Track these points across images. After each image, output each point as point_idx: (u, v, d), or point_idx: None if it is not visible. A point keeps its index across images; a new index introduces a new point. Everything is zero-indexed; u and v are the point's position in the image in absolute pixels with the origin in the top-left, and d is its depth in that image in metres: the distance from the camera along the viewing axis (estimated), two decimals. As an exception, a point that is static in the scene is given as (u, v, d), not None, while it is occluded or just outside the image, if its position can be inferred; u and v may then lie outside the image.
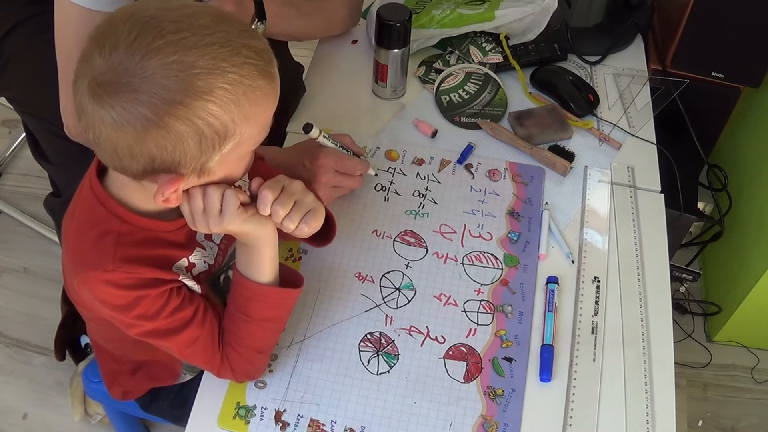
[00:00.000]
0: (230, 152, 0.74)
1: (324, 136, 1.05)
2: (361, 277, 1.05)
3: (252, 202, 0.82)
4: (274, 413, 0.93)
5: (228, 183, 0.80)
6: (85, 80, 0.69)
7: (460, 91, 1.31)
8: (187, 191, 0.78)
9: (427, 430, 0.92)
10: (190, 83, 0.68)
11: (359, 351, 0.98)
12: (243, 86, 0.70)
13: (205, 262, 0.90)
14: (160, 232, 0.83)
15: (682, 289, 1.82)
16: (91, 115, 0.70)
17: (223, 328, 0.90)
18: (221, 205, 0.79)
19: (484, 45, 1.36)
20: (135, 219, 0.81)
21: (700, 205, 1.66)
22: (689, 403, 1.67)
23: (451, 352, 0.99)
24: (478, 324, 1.01)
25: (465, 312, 1.02)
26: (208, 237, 0.91)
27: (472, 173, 1.19)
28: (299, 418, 0.92)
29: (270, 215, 0.82)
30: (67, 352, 1.24)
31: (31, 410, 1.62)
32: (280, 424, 0.92)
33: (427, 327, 1.01)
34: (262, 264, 0.86)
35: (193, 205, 0.79)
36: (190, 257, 0.87)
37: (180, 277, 0.85)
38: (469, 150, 1.22)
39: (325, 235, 0.96)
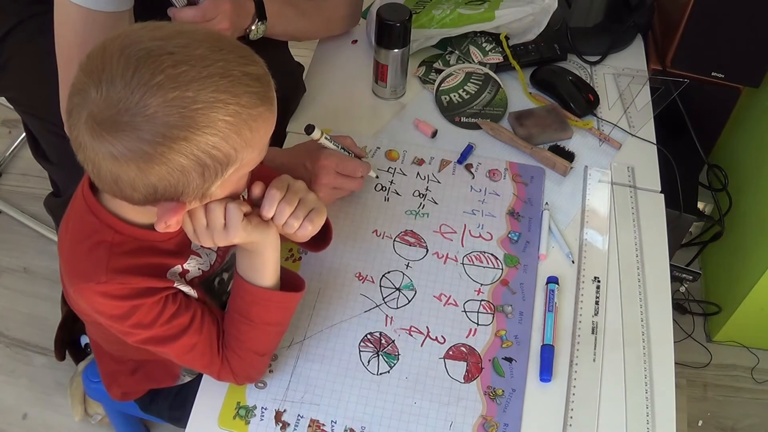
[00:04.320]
0: (231, 175, 0.74)
1: (326, 138, 1.05)
2: (361, 277, 1.05)
3: (253, 208, 0.82)
4: (274, 413, 0.93)
5: (230, 197, 0.80)
6: (81, 115, 0.68)
7: (460, 91, 1.31)
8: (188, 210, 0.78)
9: (427, 430, 0.92)
10: (193, 119, 0.67)
11: (359, 351, 0.98)
12: (244, 115, 0.70)
13: (199, 268, 0.90)
14: (153, 242, 0.83)
15: (682, 289, 1.82)
16: (90, 149, 0.69)
17: (224, 331, 0.90)
18: (225, 219, 0.79)
19: (484, 45, 1.36)
20: (127, 229, 0.81)
21: (700, 205, 1.66)
22: (689, 403, 1.67)
23: (451, 352, 0.99)
24: (478, 324, 1.01)
25: (465, 312, 1.02)
26: None
27: (472, 173, 1.19)
28: (299, 418, 0.92)
29: (275, 216, 0.82)
30: (67, 352, 1.24)
31: (31, 410, 1.62)
32: (281, 425, 0.92)
33: (427, 327, 1.01)
34: (265, 268, 0.86)
35: (196, 222, 0.79)
36: (184, 264, 0.87)
37: (175, 284, 0.85)
38: (469, 150, 1.22)
39: (321, 239, 0.96)
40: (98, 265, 0.79)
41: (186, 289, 0.87)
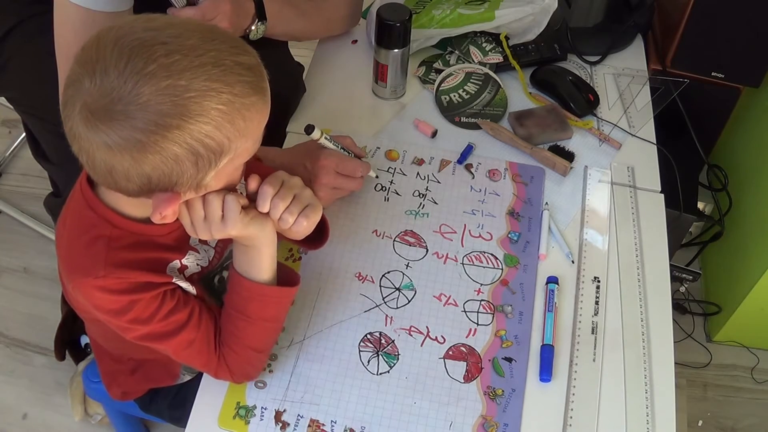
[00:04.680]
0: (226, 166, 0.74)
1: (325, 138, 1.05)
2: (361, 277, 1.05)
3: (251, 202, 0.82)
4: (274, 413, 0.93)
5: (227, 189, 0.80)
6: (75, 106, 0.68)
7: (460, 91, 1.31)
8: (185, 201, 0.78)
9: (427, 430, 0.92)
10: (185, 107, 0.67)
11: (359, 351, 0.98)
12: (237, 104, 0.70)
13: (198, 264, 0.90)
14: (151, 236, 0.83)
15: (682, 289, 1.82)
16: (84, 139, 0.69)
17: (221, 329, 0.90)
18: (222, 212, 0.79)
19: (484, 45, 1.36)
20: (126, 223, 0.81)
21: (700, 205, 1.66)
22: (689, 403, 1.67)
23: (451, 352, 0.99)
24: (478, 324, 1.01)
25: (465, 312, 1.02)
26: (203, 241, 0.91)
27: (472, 173, 1.19)
28: (299, 418, 0.92)
29: (269, 211, 0.82)
30: (67, 352, 1.24)
31: (31, 410, 1.62)
32: (280, 424, 0.92)
33: (427, 327, 1.01)
34: (262, 263, 0.86)
35: (194, 214, 0.79)
36: (182, 260, 0.87)
37: (173, 279, 0.85)
38: (469, 150, 1.22)
39: (318, 237, 0.97)
40: (96, 260, 0.79)
41: (185, 285, 0.87)
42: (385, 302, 1.03)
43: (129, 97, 0.66)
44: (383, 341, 0.99)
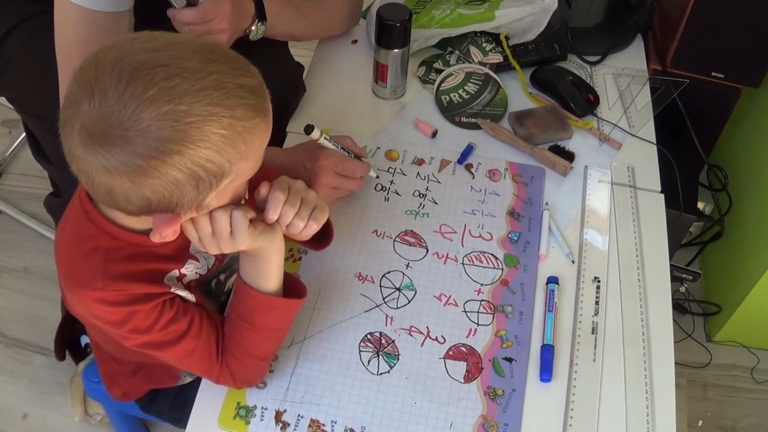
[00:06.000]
0: (227, 186, 0.74)
1: (325, 138, 1.05)
2: (361, 277, 1.05)
3: (257, 212, 0.82)
4: (274, 413, 0.93)
5: (233, 204, 0.79)
6: (74, 127, 0.67)
7: (460, 91, 1.31)
8: (191, 218, 0.78)
9: (427, 430, 0.92)
10: (186, 133, 0.66)
11: (359, 351, 0.98)
12: (238, 128, 0.69)
13: (196, 273, 0.90)
14: (150, 247, 0.82)
15: (682, 289, 1.82)
16: (83, 161, 0.68)
17: (225, 336, 0.90)
18: (231, 227, 0.78)
19: (484, 45, 1.36)
20: (124, 235, 0.81)
21: (700, 205, 1.66)
22: (689, 403, 1.67)
23: (451, 353, 0.99)
24: (478, 324, 1.01)
25: (465, 312, 1.02)
26: None
27: (472, 173, 1.19)
28: (299, 418, 0.92)
29: (279, 218, 0.82)
30: (67, 352, 1.24)
31: (31, 410, 1.62)
32: (281, 425, 0.92)
33: (427, 327, 1.01)
34: (270, 273, 0.86)
35: (201, 230, 0.79)
36: (181, 269, 0.87)
37: (172, 288, 0.84)
38: (469, 150, 1.22)
39: (322, 238, 0.96)
40: (94, 272, 0.79)
41: (184, 293, 0.86)
42: (385, 302, 1.03)
43: (129, 123, 0.65)
44: (383, 341, 0.99)
